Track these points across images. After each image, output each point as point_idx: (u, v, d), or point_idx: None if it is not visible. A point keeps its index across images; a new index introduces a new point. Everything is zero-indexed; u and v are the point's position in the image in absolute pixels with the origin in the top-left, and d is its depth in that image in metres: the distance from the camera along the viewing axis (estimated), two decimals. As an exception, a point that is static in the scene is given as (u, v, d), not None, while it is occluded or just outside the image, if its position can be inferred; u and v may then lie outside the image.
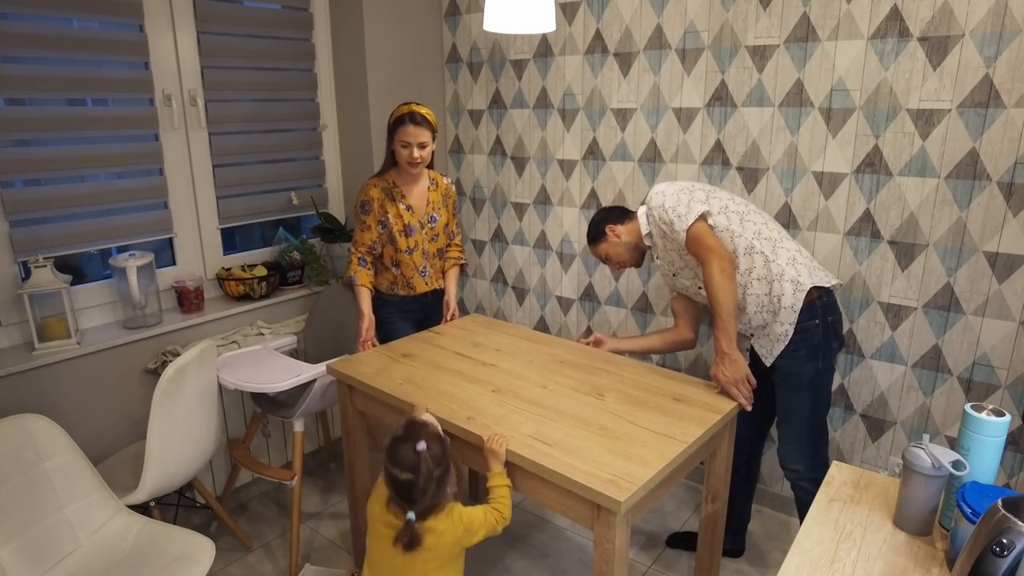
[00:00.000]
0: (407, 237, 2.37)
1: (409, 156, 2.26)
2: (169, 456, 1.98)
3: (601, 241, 2.16)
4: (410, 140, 2.24)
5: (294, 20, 2.82)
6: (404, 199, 2.37)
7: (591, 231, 2.18)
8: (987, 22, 1.90)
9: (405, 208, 2.37)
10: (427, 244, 2.43)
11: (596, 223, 2.17)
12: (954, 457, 1.17)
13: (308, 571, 2.29)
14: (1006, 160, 1.95)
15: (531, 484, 1.59)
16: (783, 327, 1.92)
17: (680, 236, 1.91)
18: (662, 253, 2.08)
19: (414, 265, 2.43)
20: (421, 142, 2.25)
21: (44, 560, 1.70)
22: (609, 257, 2.16)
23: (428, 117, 2.26)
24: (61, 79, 2.21)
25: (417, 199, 2.40)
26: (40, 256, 2.13)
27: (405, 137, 2.24)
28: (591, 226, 2.19)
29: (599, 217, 2.19)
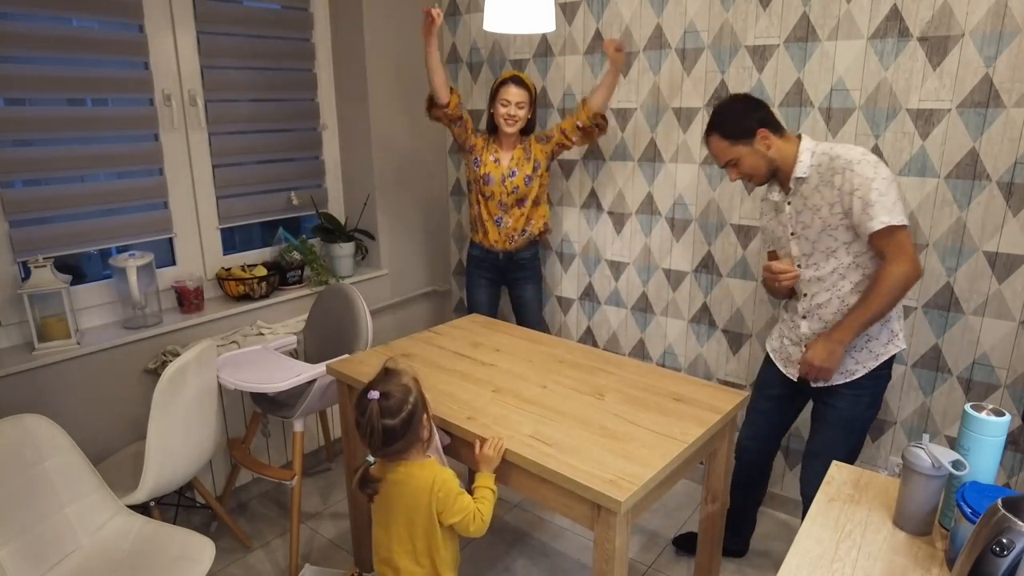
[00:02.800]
0: (486, 185, 2.65)
1: (507, 114, 2.53)
2: (169, 456, 1.98)
3: (743, 141, 1.80)
4: (510, 99, 2.51)
5: (294, 20, 2.82)
6: (497, 151, 2.65)
7: (732, 123, 1.80)
8: (987, 22, 1.90)
9: (493, 160, 2.64)
10: (505, 196, 2.66)
11: (743, 115, 1.80)
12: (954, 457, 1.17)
13: (308, 571, 2.29)
14: (1006, 160, 1.95)
15: (531, 484, 1.59)
16: (855, 366, 1.85)
17: (872, 225, 1.68)
18: (798, 206, 1.82)
19: (490, 212, 2.70)
20: (519, 102, 2.53)
21: (44, 560, 1.70)
22: (740, 163, 1.83)
23: (527, 81, 2.55)
24: (61, 79, 2.21)
25: (505, 157, 2.66)
26: (40, 256, 2.13)
27: (505, 95, 2.52)
28: (733, 116, 1.81)
29: (746, 109, 1.81)
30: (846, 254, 1.79)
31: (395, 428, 1.50)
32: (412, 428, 1.53)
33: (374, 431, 1.49)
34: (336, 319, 2.57)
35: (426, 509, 1.56)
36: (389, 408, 1.50)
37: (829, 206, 1.75)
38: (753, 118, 1.79)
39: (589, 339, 3.03)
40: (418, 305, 3.36)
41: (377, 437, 1.50)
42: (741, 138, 1.80)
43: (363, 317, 2.46)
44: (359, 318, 2.47)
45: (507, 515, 2.65)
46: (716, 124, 1.84)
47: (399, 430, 1.50)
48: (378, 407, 1.50)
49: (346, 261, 2.98)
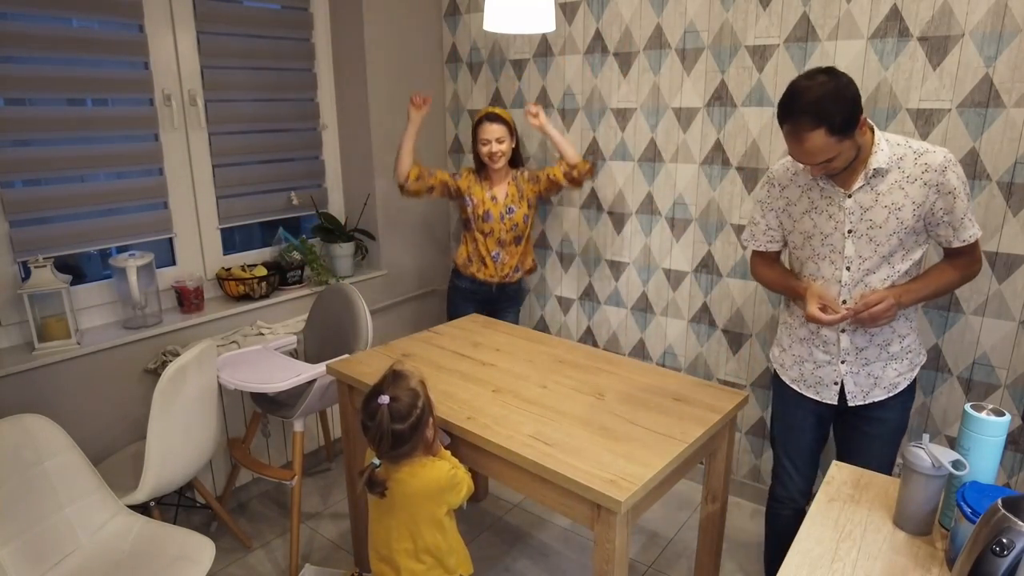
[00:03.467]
0: (484, 222, 2.65)
1: (489, 152, 2.54)
2: (169, 456, 1.98)
3: (850, 134, 1.48)
4: (488, 137, 2.53)
5: (294, 20, 2.82)
6: (491, 189, 2.64)
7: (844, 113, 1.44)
8: (987, 22, 1.90)
9: (490, 197, 2.64)
10: (504, 234, 2.67)
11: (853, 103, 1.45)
12: (954, 457, 1.17)
13: (308, 571, 2.29)
14: (1006, 160, 1.95)
15: (531, 484, 1.59)
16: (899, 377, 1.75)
17: (972, 233, 1.59)
18: (867, 201, 1.60)
19: (488, 248, 2.70)
20: (499, 137, 2.53)
21: (44, 560, 1.70)
22: (837, 159, 1.51)
23: (503, 115, 2.55)
24: (61, 79, 2.21)
25: (500, 192, 2.65)
26: (40, 256, 2.13)
27: (484, 135, 2.54)
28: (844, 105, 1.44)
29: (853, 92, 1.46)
30: (902, 261, 1.63)
31: (404, 432, 1.51)
32: (419, 431, 1.54)
33: (383, 436, 1.50)
34: (336, 319, 2.57)
35: (431, 506, 1.57)
36: (399, 413, 1.51)
37: (915, 205, 1.56)
38: (859, 104, 1.47)
39: (589, 339, 3.03)
40: (418, 305, 3.36)
41: (386, 441, 1.50)
42: (850, 131, 1.47)
43: (363, 317, 2.46)
44: (359, 318, 2.47)
45: (507, 515, 2.65)
46: (822, 115, 1.43)
47: (408, 434, 1.51)
48: (388, 412, 1.50)
49: (346, 261, 2.98)
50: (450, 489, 1.60)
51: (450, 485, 1.60)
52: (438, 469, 1.59)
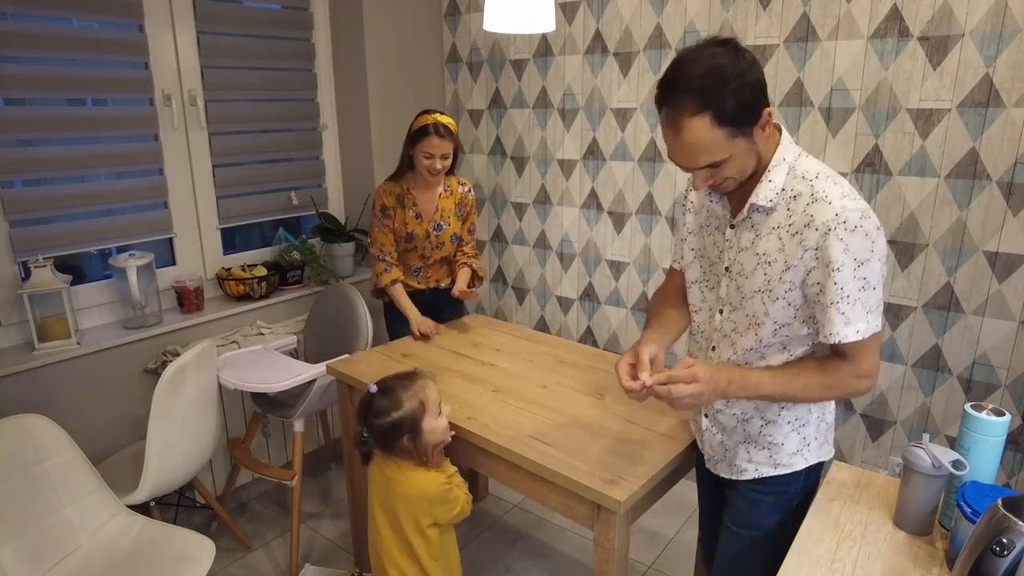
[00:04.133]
0: (408, 242, 2.40)
1: (431, 167, 2.26)
2: (169, 456, 1.98)
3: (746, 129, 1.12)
4: (433, 152, 2.24)
5: (294, 20, 2.82)
6: (415, 206, 2.35)
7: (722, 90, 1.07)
8: (987, 22, 1.90)
9: (413, 216, 2.35)
10: (429, 251, 2.44)
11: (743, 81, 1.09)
12: (954, 457, 1.17)
13: (308, 571, 2.29)
14: (1006, 160, 1.95)
15: (531, 484, 1.59)
16: (747, 464, 1.38)
17: (845, 333, 1.16)
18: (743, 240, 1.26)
19: (407, 264, 2.47)
20: (444, 153, 2.26)
21: (44, 560, 1.70)
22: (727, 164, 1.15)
23: (451, 128, 2.27)
24: (61, 79, 2.21)
25: (427, 205, 2.37)
26: (40, 256, 2.13)
27: (428, 148, 2.23)
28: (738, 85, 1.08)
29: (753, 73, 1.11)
30: (773, 335, 1.25)
31: (374, 427, 1.57)
32: (389, 439, 1.57)
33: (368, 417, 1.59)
34: (336, 319, 2.57)
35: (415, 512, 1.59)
36: (378, 408, 1.57)
37: (785, 268, 1.18)
38: (763, 92, 1.13)
39: (589, 339, 3.03)
40: (418, 305, 3.35)
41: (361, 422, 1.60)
42: (745, 125, 1.11)
43: (363, 317, 2.46)
44: (359, 318, 2.47)
45: (507, 515, 2.65)
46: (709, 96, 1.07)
47: (377, 432, 1.57)
48: (368, 400, 1.58)
49: (346, 261, 2.98)
50: (439, 503, 1.60)
51: (440, 499, 1.60)
52: (430, 480, 1.60)
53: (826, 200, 1.14)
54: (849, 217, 1.12)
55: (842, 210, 1.12)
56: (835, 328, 1.16)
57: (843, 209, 1.12)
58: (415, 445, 1.58)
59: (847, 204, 1.13)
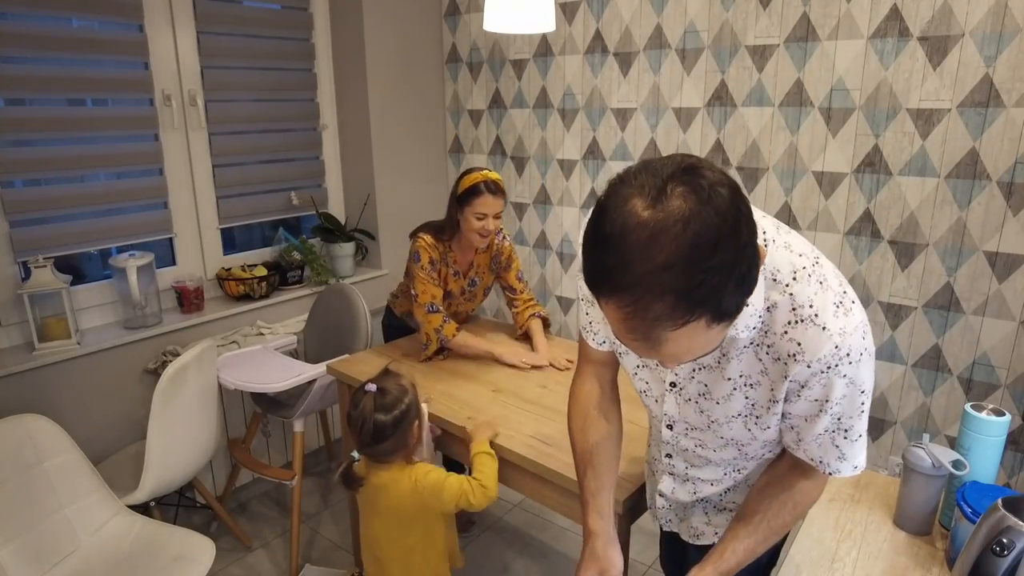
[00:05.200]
0: (445, 300, 2.20)
1: (483, 228, 2.05)
2: (169, 456, 1.98)
3: (741, 308, 0.76)
4: (487, 211, 2.04)
5: (294, 20, 2.82)
6: (455, 263, 2.18)
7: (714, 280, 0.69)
8: (987, 22, 1.90)
9: (452, 273, 2.18)
10: (461, 306, 2.31)
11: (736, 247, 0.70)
12: (954, 457, 1.17)
13: (308, 571, 2.29)
14: (1006, 160, 1.95)
15: (531, 484, 1.59)
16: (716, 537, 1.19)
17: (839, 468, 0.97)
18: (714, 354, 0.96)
19: None
20: (497, 213, 2.07)
21: (44, 560, 1.70)
22: None
23: (501, 184, 2.09)
24: (61, 79, 2.20)
25: (464, 263, 2.22)
26: (40, 256, 2.13)
27: (482, 208, 2.03)
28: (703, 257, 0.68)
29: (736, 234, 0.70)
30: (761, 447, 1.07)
31: (386, 425, 1.49)
32: (401, 429, 1.51)
33: (365, 424, 1.49)
34: (336, 319, 2.57)
35: (414, 509, 1.55)
36: (383, 404, 1.50)
37: (772, 398, 0.95)
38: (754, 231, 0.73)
39: (589, 339, 3.03)
40: (418, 305, 3.36)
41: (367, 432, 1.49)
42: (744, 303, 0.76)
43: (363, 317, 2.46)
44: (359, 318, 2.47)
45: (507, 515, 2.65)
46: (691, 296, 0.69)
47: (389, 428, 1.49)
48: (372, 401, 1.50)
49: (346, 261, 2.98)
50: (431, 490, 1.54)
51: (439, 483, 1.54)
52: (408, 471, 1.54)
53: (816, 322, 0.85)
54: (853, 346, 0.86)
55: (842, 337, 0.85)
56: (828, 459, 0.97)
57: (842, 335, 0.85)
58: (419, 433, 1.56)
59: (844, 325, 0.85)
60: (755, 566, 1.11)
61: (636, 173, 0.73)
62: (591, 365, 1.20)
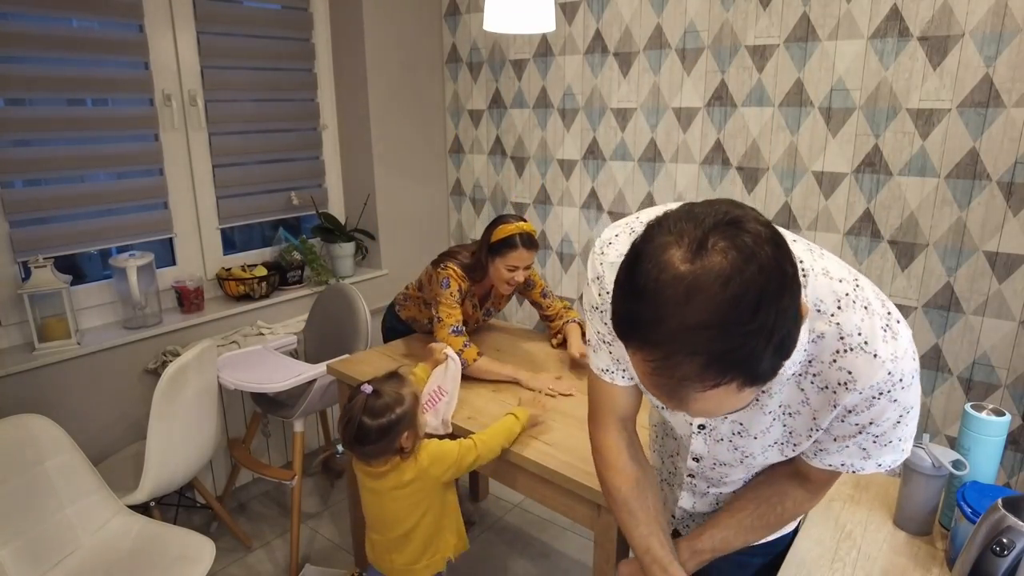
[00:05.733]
0: None
1: (512, 279, 2.03)
2: (169, 456, 1.98)
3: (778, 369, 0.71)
4: (519, 264, 2.01)
5: (294, 20, 2.82)
6: (473, 297, 2.20)
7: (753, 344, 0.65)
8: (987, 22, 1.90)
9: (471, 307, 2.21)
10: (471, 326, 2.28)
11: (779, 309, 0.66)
12: (954, 457, 1.17)
13: (308, 571, 2.29)
14: (1006, 160, 1.95)
15: (532, 484, 1.59)
16: None
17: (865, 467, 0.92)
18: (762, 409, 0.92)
19: None
20: (528, 265, 2.04)
21: (44, 560, 1.70)
22: None
23: (535, 237, 2.05)
24: (61, 79, 2.21)
25: (482, 295, 2.25)
26: (40, 256, 2.13)
27: (515, 262, 2.01)
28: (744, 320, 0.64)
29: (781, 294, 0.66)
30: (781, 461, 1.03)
31: (370, 430, 1.45)
32: (387, 437, 1.47)
33: (351, 423, 1.47)
34: (336, 319, 2.57)
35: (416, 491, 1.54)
36: (373, 407, 1.46)
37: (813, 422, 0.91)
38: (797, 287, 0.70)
39: (589, 339, 3.03)
40: (418, 305, 3.36)
41: (351, 430, 1.47)
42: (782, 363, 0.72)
43: (363, 317, 2.46)
44: (359, 318, 2.47)
45: (507, 515, 2.65)
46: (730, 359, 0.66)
47: (373, 433, 1.45)
48: (363, 402, 1.47)
49: (346, 261, 2.98)
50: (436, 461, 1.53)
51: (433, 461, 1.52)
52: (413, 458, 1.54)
53: (866, 350, 0.81)
54: (905, 370, 0.82)
55: (894, 363, 0.81)
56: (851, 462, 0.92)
57: (895, 361, 0.81)
58: (411, 441, 1.51)
59: (895, 350, 0.81)
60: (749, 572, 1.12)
61: (676, 220, 0.69)
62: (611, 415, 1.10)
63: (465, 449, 1.53)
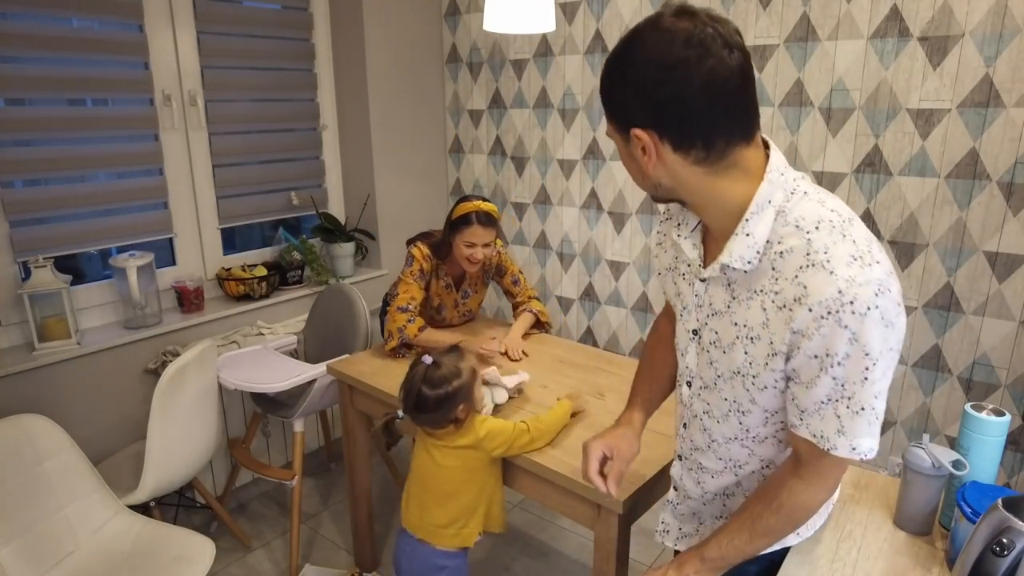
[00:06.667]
0: (437, 314, 2.31)
1: (472, 256, 2.11)
2: (169, 456, 1.98)
3: (621, 127, 0.90)
4: (476, 241, 2.09)
5: (294, 20, 2.82)
6: (446, 276, 2.26)
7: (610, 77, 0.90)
8: (987, 22, 1.90)
9: (444, 286, 2.26)
10: (456, 320, 2.37)
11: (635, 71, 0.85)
12: (954, 457, 1.17)
13: (308, 571, 2.29)
14: (1006, 160, 1.95)
15: (532, 484, 1.59)
16: None
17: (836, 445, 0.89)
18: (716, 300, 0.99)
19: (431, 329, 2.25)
20: (486, 242, 2.11)
21: (44, 560, 1.70)
22: (627, 161, 0.95)
23: (494, 215, 2.11)
24: (61, 79, 2.21)
25: (457, 277, 2.29)
26: (40, 256, 2.13)
27: (471, 238, 2.09)
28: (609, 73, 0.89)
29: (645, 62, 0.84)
30: (763, 424, 1.01)
31: (429, 399, 1.52)
32: (444, 407, 1.53)
33: (410, 392, 1.54)
34: (336, 319, 2.57)
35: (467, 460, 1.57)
36: (432, 378, 1.53)
37: (771, 351, 0.91)
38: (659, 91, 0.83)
39: (589, 339, 3.03)
40: (418, 305, 3.36)
41: (411, 399, 1.54)
42: (623, 123, 0.89)
43: (363, 317, 2.46)
44: (359, 318, 2.47)
45: (507, 515, 2.65)
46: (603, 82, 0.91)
47: (431, 402, 1.52)
48: (424, 371, 1.54)
49: (346, 261, 2.98)
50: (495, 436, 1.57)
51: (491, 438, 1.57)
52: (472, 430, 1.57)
53: (826, 267, 0.82)
54: (859, 296, 0.80)
55: (848, 284, 0.80)
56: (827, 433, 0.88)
57: (850, 283, 0.80)
58: (466, 414, 1.57)
59: (856, 275, 0.80)
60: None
61: None
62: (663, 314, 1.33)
63: (519, 431, 1.58)
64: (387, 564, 2.36)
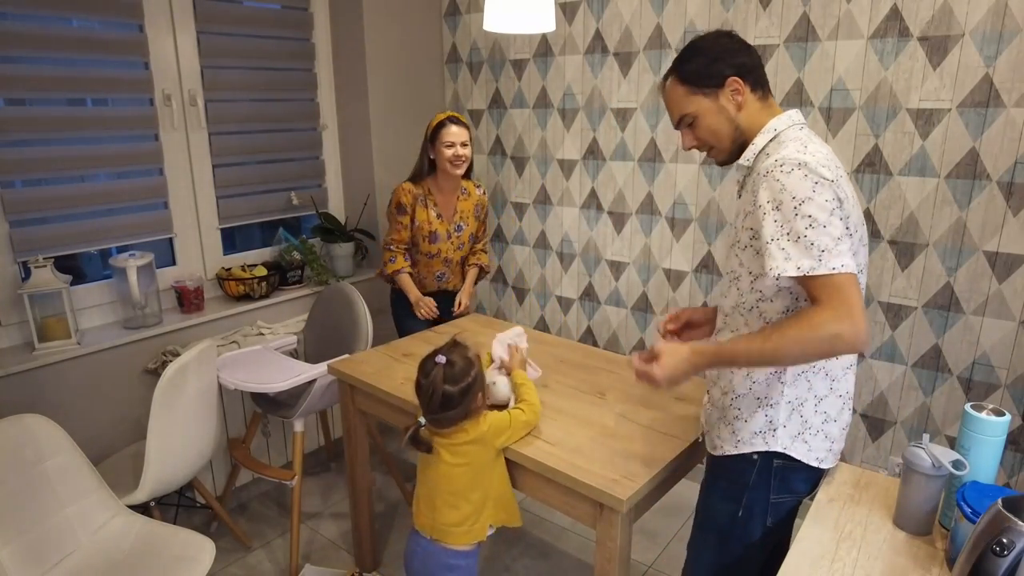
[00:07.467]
0: (431, 243, 2.48)
1: (453, 155, 2.36)
2: (169, 456, 1.98)
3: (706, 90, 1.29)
4: (454, 140, 2.35)
5: (294, 20, 2.82)
6: (436, 206, 2.44)
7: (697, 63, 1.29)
8: (987, 22, 1.90)
9: (435, 215, 2.45)
10: (451, 252, 2.53)
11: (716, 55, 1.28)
12: (954, 457, 1.17)
13: (308, 571, 2.29)
14: (1006, 160, 1.95)
15: (533, 483, 1.59)
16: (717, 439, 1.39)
17: (782, 268, 1.14)
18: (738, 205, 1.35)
19: (432, 269, 2.57)
20: (464, 141, 2.37)
21: (44, 560, 1.70)
22: (697, 122, 1.32)
23: (463, 118, 2.41)
24: (61, 79, 2.20)
25: (447, 207, 2.47)
26: (40, 256, 2.13)
27: (449, 138, 2.35)
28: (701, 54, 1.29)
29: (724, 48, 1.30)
30: (750, 290, 1.28)
31: (454, 395, 1.53)
32: (468, 398, 1.55)
33: (435, 394, 1.54)
34: (336, 319, 2.57)
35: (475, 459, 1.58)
36: (452, 375, 1.54)
37: (744, 215, 1.27)
38: (727, 62, 1.27)
39: (589, 339, 3.03)
40: (418, 305, 3.35)
41: (436, 400, 1.54)
42: (704, 85, 1.28)
43: (363, 317, 2.46)
44: (359, 318, 2.47)
45: (507, 515, 2.65)
46: (676, 63, 1.32)
47: (457, 397, 1.54)
48: (442, 372, 1.55)
49: (346, 261, 2.98)
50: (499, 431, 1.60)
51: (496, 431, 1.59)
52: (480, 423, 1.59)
53: (775, 154, 1.20)
54: (786, 158, 1.16)
55: (780, 155, 1.17)
56: (775, 262, 1.14)
57: (784, 157, 1.16)
58: (482, 400, 1.60)
59: (790, 154, 1.16)
60: None
61: None
62: None
63: (513, 415, 1.62)
64: (387, 564, 2.36)
